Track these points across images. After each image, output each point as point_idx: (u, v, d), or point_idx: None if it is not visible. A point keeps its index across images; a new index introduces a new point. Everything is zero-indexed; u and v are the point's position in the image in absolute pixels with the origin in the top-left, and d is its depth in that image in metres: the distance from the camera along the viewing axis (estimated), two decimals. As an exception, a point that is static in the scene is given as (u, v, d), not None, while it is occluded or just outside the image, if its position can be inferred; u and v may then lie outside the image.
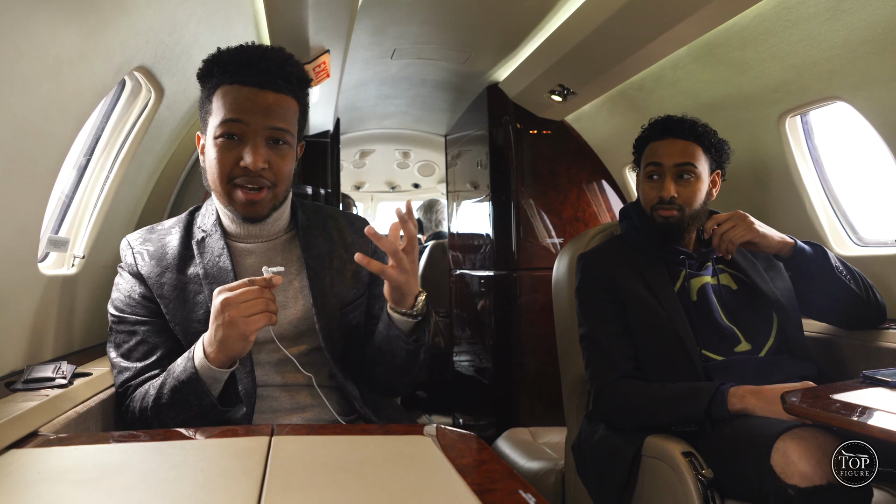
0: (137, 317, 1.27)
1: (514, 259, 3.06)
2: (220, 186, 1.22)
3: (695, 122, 1.66)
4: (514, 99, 3.03)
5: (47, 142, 1.18)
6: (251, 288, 1.10)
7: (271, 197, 1.24)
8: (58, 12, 1.02)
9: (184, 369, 1.16)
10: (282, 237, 1.35)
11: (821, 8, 1.56)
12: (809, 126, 1.99)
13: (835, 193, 1.97)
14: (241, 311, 1.08)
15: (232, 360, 1.16)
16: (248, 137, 1.19)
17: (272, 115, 1.20)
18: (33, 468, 0.84)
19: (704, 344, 1.56)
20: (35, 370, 1.19)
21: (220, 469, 0.82)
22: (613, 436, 1.57)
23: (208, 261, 1.28)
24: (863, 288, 1.58)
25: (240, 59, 1.19)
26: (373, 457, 0.89)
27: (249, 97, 1.18)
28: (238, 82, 1.19)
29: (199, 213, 1.36)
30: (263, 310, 1.10)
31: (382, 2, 2.26)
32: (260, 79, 1.18)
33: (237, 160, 1.19)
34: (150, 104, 1.62)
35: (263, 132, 1.20)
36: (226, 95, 1.19)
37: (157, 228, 1.35)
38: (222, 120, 1.19)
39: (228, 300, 1.09)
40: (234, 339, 1.10)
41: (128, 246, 1.32)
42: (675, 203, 1.62)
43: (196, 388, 1.14)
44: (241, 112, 1.18)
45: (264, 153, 1.20)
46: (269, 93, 1.19)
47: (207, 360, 1.13)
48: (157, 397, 1.17)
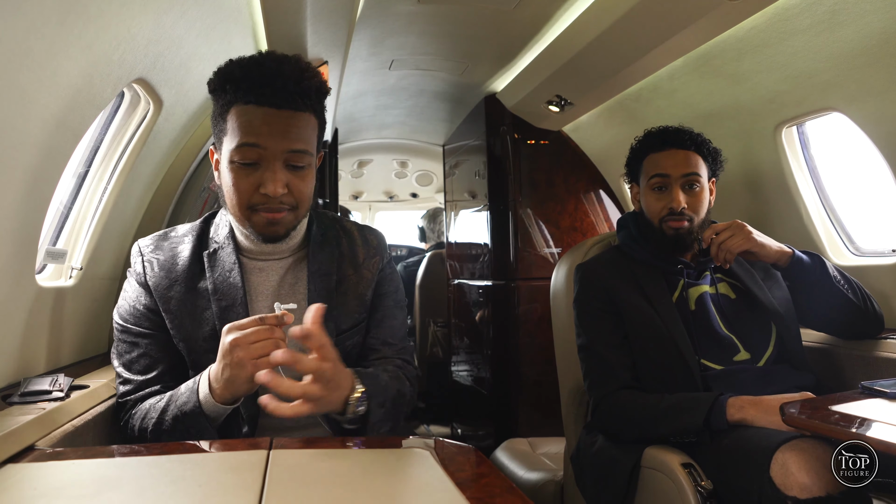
0: (141, 328, 1.24)
1: (512, 269, 3.06)
2: (240, 212, 1.18)
3: (693, 132, 1.67)
4: (511, 109, 3.04)
5: (45, 154, 1.17)
6: (261, 328, 1.05)
7: (292, 218, 1.20)
8: (56, 25, 1.02)
9: (187, 400, 1.12)
10: (295, 254, 1.32)
11: (815, 20, 1.58)
12: (806, 136, 2.00)
13: (832, 203, 1.98)
14: (249, 353, 1.04)
15: (237, 398, 1.12)
16: (265, 162, 1.13)
17: (290, 138, 1.13)
18: (29, 484, 0.83)
19: (703, 353, 1.56)
20: (31, 383, 1.18)
21: (219, 484, 0.82)
22: (612, 447, 1.57)
23: (218, 275, 1.24)
24: (860, 298, 1.58)
25: (254, 76, 1.11)
26: (372, 471, 0.89)
27: (266, 119, 1.12)
28: (253, 102, 1.11)
29: (214, 222, 1.31)
30: (273, 351, 1.04)
31: (381, 13, 2.28)
32: (277, 98, 1.11)
33: (256, 186, 1.14)
34: (148, 116, 1.62)
35: (282, 156, 1.13)
36: (240, 116, 1.12)
37: (170, 235, 1.31)
38: (238, 144, 1.12)
39: (238, 341, 1.04)
40: (241, 380, 1.06)
41: (138, 252, 1.28)
42: (685, 214, 1.62)
43: (198, 421, 1.11)
44: (257, 136, 1.11)
45: (283, 177, 1.14)
46: (286, 112, 1.12)
47: (213, 396, 1.10)
48: (158, 422, 1.14)
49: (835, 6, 1.51)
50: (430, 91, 3.32)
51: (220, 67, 1.15)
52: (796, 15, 1.60)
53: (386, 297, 1.38)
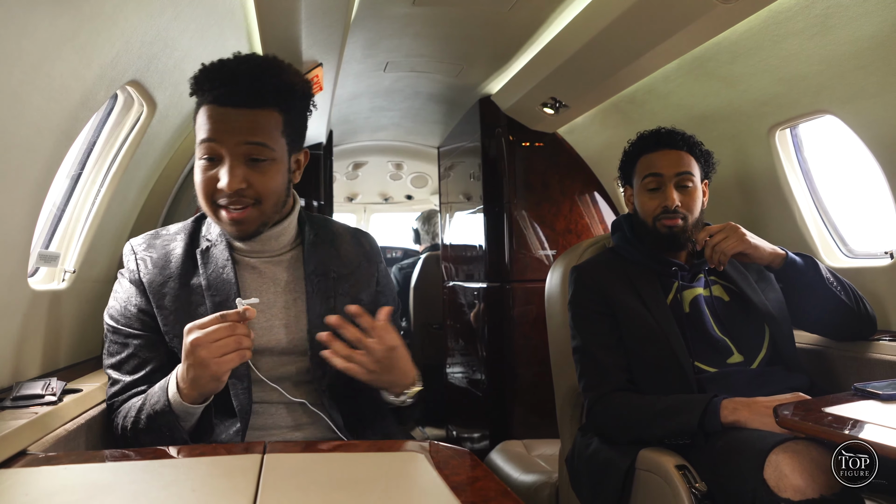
0: (131, 329, 1.24)
1: (507, 271, 3.06)
2: (207, 207, 1.21)
3: (685, 133, 1.68)
4: (506, 111, 3.04)
5: (38, 157, 1.17)
6: (222, 325, 1.06)
7: (258, 214, 1.20)
8: (50, 27, 1.02)
9: (158, 399, 1.14)
10: (287, 253, 1.32)
11: (808, 24, 1.58)
12: (799, 139, 2.00)
13: (825, 205, 1.99)
14: (211, 352, 1.04)
15: (205, 397, 1.13)
16: (224, 158, 1.16)
17: (246, 133, 1.16)
18: (21, 489, 0.83)
19: (697, 356, 1.56)
20: (24, 387, 1.17)
21: (212, 489, 0.82)
22: (607, 449, 1.57)
23: (212, 272, 1.25)
24: (853, 299, 1.59)
25: (217, 76, 1.16)
26: (366, 475, 0.89)
27: (223, 118, 1.15)
28: (215, 102, 1.16)
29: (205, 222, 1.33)
30: (235, 348, 1.06)
31: (375, 15, 2.27)
32: (235, 98, 1.15)
33: (215, 182, 1.17)
34: (142, 118, 1.61)
35: (238, 151, 1.16)
36: (203, 116, 1.17)
37: (161, 234, 1.32)
38: (200, 141, 1.17)
39: (198, 340, 1.05)
40: (205, 379, 1.07)
41: (131, 251, 1.28)
42: (679, 212, 1.63)
43: (168, 420, 1.12)
44: (214, 133, 1.16)
45: (241, 173, 1.16)
46: (243, 110, 1.16)
47: (180, 396, 1.11)
48: (136, 421, 1.16)
49: (827, 10, 1.52)
50: (425, 93, 3.32)
51: (195, 72, 1.19)
52: (789, 19, 1.61)
53: (382, 295, 1.41)
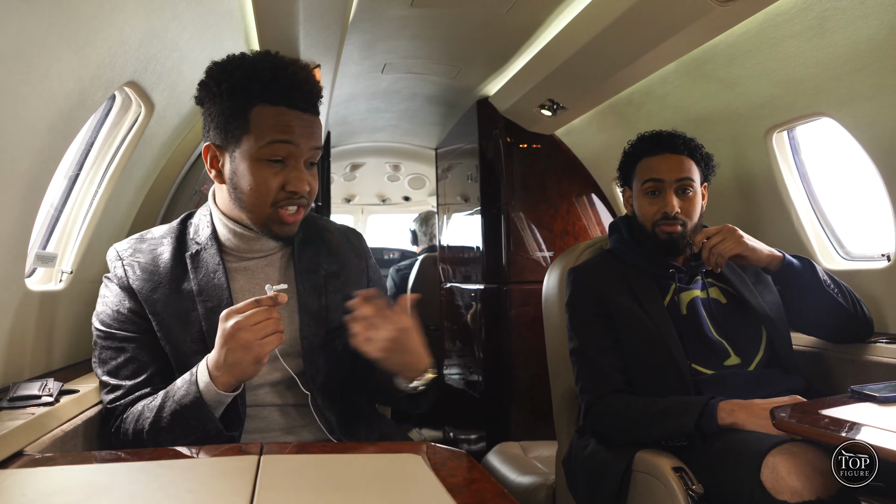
0: (126, 332, 1.22)
1: (504, 272, 3.06)
2: (264, 210, 1.21)
3: (686, 137, 1.68)
4: (504, 113, 3.04)
5: (35, 158, 1.17)
6: (261, 309, 1.08)
7: (304, 214, 1.26)
8: (48, 28, 1.02)
9: (186, 392, 1.12)
10: (278, 252, 1.32)
11: (805, 26, 1.59)
12: (796, 141, 2.01)
13: (822, 208, 1.99)
14: (254, 334, 1.07)
15: (238, 384, 1.13)
16: (293, 160, 1.19)
17: (316, 138, 1.21)
18: (18, 490, 0.82)
19: (694, 358, 1.56)
20: (20, 388, 1.17)
21: (209, 490, 0.82)
22: (604, 450, 1.57)
23: (202, 277, 1.24)
24: (850, 301, 1.59)
25: (285, 79, 1.17)
26: (363, 476, 0.89)
27: (297, 121, 1.18)
28: (284, 104, 1.17)
29: (191, 223, 1.31)
30: (275, 330, 1.08)
31: (373, 16, 2.28)
32: (305, 104, 1.19)
33: (282, 184, 1.18)
34: (140, 119, 1.61)
35: (308, 154, 1.20)
36: (271, 116, 1.17)
37: (146, 237, 1.30)
38: (270, 141, 1.16)
39: (240, 324, 1.07)
40: (247, 362, 1.08)
41: (117, 257, 1.26)
42: (678, 218, 1.63)
43: (200, 412, 1.11)
44: (291, 135, 1.17)
45: (307, 176, 1.21)
46: (310, 116, 1.21)
47: (214, 384, 1.10)
48: (156, 420, 1.13)
49: (824, 13, 1.52)
50: (423, 94, 3.32)
51: (232, 64, 1.18)
52: (786, 21, 1.61)
53: None
